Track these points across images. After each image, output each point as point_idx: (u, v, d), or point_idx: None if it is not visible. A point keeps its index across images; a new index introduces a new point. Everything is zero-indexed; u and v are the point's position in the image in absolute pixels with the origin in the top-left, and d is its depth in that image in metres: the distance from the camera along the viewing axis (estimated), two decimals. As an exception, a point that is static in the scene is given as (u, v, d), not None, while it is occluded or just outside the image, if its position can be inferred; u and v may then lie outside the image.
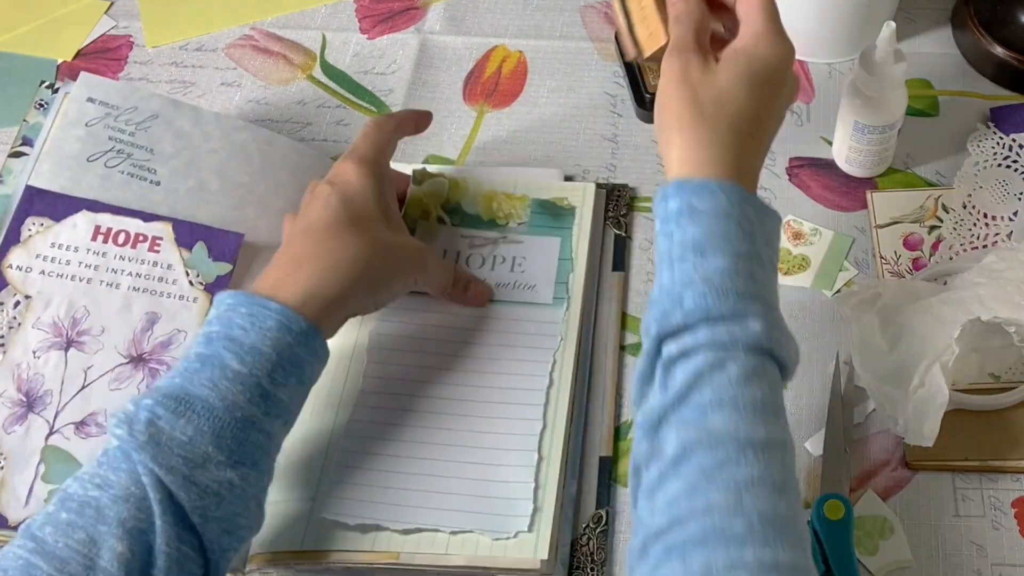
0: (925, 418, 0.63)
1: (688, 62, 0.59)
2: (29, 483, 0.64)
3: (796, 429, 0.70)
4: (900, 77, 0.73)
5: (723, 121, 0.58)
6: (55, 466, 0.65)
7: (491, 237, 0.76)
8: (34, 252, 0.70)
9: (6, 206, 0.71)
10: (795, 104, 0.86)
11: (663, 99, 0.60)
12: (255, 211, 0.75)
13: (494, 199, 0.78)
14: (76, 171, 0.73)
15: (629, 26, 0.76)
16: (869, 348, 0.68)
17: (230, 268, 0.71)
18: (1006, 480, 0.68)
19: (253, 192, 0.75)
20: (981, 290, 0.68)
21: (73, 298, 0.69)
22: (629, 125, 0.86)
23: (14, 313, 0.68)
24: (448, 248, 0.76)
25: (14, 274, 0.69)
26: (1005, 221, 0.77)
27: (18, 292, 0.69)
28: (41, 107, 0.77)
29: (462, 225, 0.77)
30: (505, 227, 0.77)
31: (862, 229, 0.79)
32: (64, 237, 0.71)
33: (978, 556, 0.65)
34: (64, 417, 0.66)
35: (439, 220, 0.77)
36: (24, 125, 0.76)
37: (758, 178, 0.60)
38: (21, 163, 0.74)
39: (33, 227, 0.71)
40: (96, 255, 0.70)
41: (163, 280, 0.70)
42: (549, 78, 0.90)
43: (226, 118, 0.78)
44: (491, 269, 0.75)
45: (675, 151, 0.58)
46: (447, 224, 0.77)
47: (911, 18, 0.90)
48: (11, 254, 0.70)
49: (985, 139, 0.82)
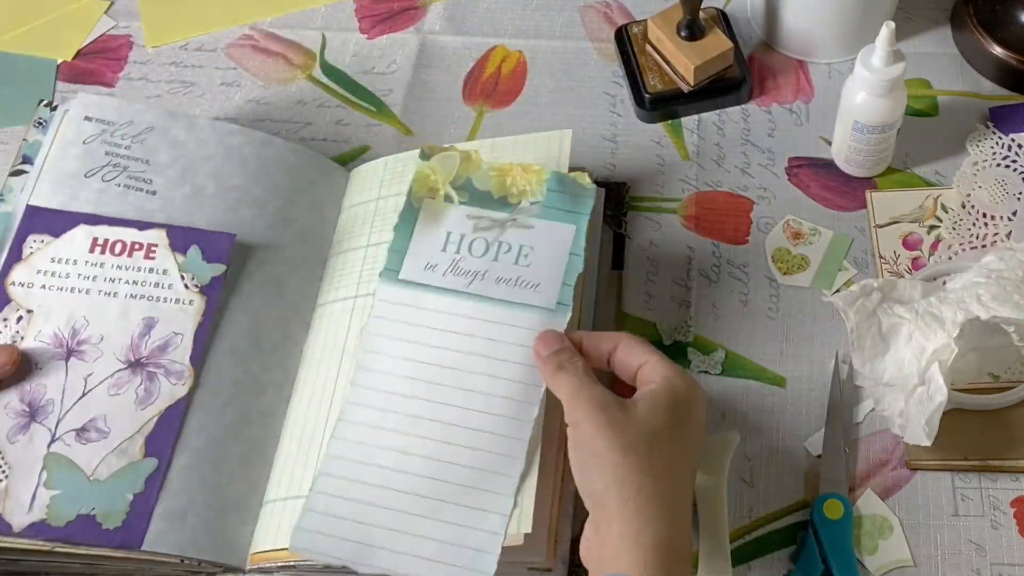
0: (924, 418, 0.63)
1: (607, 407, 0.59)
2: (32, 490, 0.64)
3: (796, 428, 0.70)
4: (899, 77, 0.73)
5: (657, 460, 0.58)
6: (56, 472, 0.65)
7: (499, 219, 0.70)
8: (35, 268, 0.71)
9: (7, 223, 0.73)
10: (794, 104, 0.86)
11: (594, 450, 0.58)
12: (250, 212, 0.75)
13: (508, 173, 0.72)
14: (74, 187, 0.74)
15: (670, 66, 0.84)
16: (868, 348, 0.68)
17: (224, 269, 0.72)
18: (1005, 480, 0.68)
19: (248, 194, 0.76)
20: (980, 290, 0.69)
21: (73, 309, 0.70)
22: (628, 125, 0.86)
23: (17, 328, 0.69)
24: (452, 230, 0.70)
25: (16, 290, 0.70)
26: (1004, 221, 0.77)
27: (20, 307, 0.70)
28: (40, 125, 0.78)
29: (470, 203, 0.71)
30: (517, 206, 0.71)
31: (861, 229, 0.79)
32: (63, 251, 0.72)
33: (977, 555, 0.65)
34: (65, 424, 0.66)
35: (446, 198, 0.71)
36: (23, 144, 0.77)
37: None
38: (21, 181, 0.75)
39: (34, 244, 0.72)
40: (94, 266, 0.71)
41: (159, 285, 0.71)
42: (548, 78, 0.90)
43: (221, 124, 0.79)
44: (494, 259, 0.69)
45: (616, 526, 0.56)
46: (454, 202, 0.71)
47: (910, 18, 0.90)
48: (13, 271, 0.71)
49: (984, 139, 0.82)
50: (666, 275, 0.78)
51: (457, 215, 0.71)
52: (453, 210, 0.71)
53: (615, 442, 0.57)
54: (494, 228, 0.70)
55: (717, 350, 0.74)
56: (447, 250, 0.70)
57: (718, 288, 0.77)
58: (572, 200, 0.71)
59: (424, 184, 0.72)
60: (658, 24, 0.84)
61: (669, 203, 0.81)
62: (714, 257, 0.78)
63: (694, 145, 0.84)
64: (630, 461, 0.57)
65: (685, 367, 0.73)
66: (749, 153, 0.84)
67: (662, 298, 0.76)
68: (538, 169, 0.71)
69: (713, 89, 0.85)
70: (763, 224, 0.80)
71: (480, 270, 0.69)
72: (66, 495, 0.64)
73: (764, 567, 0.66)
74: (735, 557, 0.65)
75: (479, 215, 0.71)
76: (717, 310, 0.76)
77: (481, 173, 0.72)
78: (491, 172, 0.72)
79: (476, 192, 0.72)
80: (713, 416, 0.71)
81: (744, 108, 0.86)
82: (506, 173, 0.72)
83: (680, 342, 0.74)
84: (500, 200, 0.71)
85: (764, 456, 0.69)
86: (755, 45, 0.90)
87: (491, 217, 0.71)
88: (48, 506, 0.64)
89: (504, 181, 0.72)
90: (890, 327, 0.68)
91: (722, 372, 0.73)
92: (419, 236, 0.71)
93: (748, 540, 0.67)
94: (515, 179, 0.72)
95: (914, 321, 0.68)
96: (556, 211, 0.70)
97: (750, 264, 0.78)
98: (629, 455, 0.57)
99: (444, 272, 0.69)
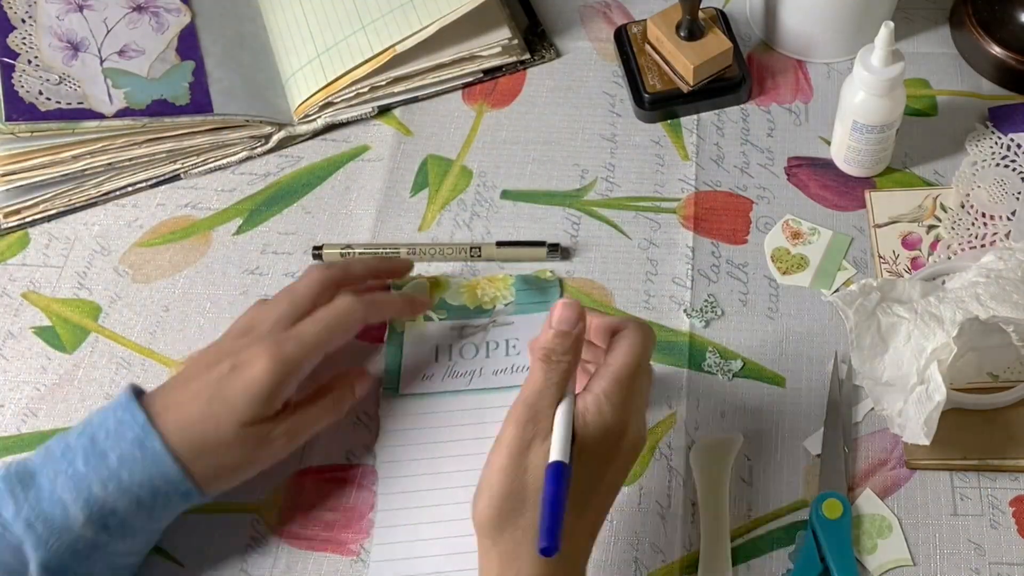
0: (923, 417, 0.63)
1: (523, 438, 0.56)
2: (106, 92, 0.82)
3: (795, 428, 0.70)
4: (898, 77, 0.73)
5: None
6: (118, 78, 0.83)
7: (480, 324, 0.75)
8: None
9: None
10: (793, 104, 0.86)
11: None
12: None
13: (476, 286, 0.77)
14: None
15: (670, 66, 0.85)
16: (867, 347, 0.68)
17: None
18: (1004, 479, 0.68)
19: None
20: (979, 289, 0.69)
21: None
22: (628, 125, 0.86)
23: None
24: (440, 343, 0.74)
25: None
26: (1003, 220, 0.78)
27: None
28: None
29: (449, 318, 0.76)
30: (493, 310, 0.76)
31: (860, 228, 0.79)
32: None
33: (976, 555, 0.65)
34: (105, 50, 0.85)
35: (426, 319, 0.76)
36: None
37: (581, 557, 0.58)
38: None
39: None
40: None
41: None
42: (548, 78, 0.90)
43: None
44: (486, 356, 0.74)
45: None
46: (435, 321, 0.76)
47: (909, 18, 0.91)
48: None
49: (983, 139, 0.82)
50: (665, 275, 0.78)
51: (440, 329, 0.75)
52: (435, 326, 0.76)
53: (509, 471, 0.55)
54: (478, 332, 0.75)
55: (736, 359, 0.74)
56: (440, 360, 0.74)
57: (717, 288, 0.77)
58: (540, 292, 0.77)
59: None
60: (657, 24, 0.84)
61: (668, 203, 0.81)
62: (713, 257, 0.78)
63: (693, 145, 0.84)
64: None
65: (702, 369, 0.73)
66: (748, 153, 0.84)
67: (661, 298, 0.77)
68: (502, 277, 0.77)
69: (712, 89, 0.85)
70: (762, 224, 0.80)
71: (475, 368, 0.73)
72: (135, 90, 0.82)
73: (763, 567, 0.66)
74: (734, 556, 0.66)
75: (461, 325, 0.76)
76: (717, 310, 0.76)
77: (452, 292, 0.77)
78: (460, 289, 0.77)
79: (452, 307, 0.76)
80: (712, 416, 0.71)
81: (743, 108, 0.86)
82: (475, 287, 0.77)
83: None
84: (476, 309, 0.76)
85: (763, 455, 0.69)
86: (754, 45, 0.90)
87: (472, 324, 0.76)
88: (125, 98, 0.82)
89: (475, 293, 0.77)
90: (889, 327, 0.68)
91: (732, 377, 0.73)
92: (409, 354, 0.74)
93: (747, 540, 0.67)
94: (484, 289, 0.77)
95: (913, 321, 0.68)
96: (529, 304, 0.76)
97: (749, 264, 0.78)
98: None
99: (443, 378, 0.73)
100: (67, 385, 0.74)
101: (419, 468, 0.69)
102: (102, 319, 0.77)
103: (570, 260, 0.79)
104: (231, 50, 0.88)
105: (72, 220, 0.82)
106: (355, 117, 0.86)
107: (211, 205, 0.83)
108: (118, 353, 0.75)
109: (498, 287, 0.77)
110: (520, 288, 0.77)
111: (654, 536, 0.67)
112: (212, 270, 0.79)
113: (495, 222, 0.81)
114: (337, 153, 0.85)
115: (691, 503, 0.68)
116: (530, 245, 0.78)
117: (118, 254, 0.80)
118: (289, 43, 0.88)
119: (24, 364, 0.75)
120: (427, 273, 0.78)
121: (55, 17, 0.85)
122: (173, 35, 0.86)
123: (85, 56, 0.84)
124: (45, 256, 0.80)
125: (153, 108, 0.82)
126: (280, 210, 0.82)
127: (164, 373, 0.74)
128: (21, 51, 0.83)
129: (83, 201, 0.82)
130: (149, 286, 0.79)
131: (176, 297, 0.78)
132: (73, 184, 0.82)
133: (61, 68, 0.83)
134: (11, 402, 0.73)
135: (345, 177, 0.84)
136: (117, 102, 0.81)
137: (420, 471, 0.69)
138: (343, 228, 0.81)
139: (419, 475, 0.69)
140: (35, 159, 0.79)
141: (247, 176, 0.84)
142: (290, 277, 0.78)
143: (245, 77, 0.86)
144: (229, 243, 0.81)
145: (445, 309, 0.76)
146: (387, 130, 0.87)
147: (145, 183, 0.83)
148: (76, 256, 0.80)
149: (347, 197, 0.83)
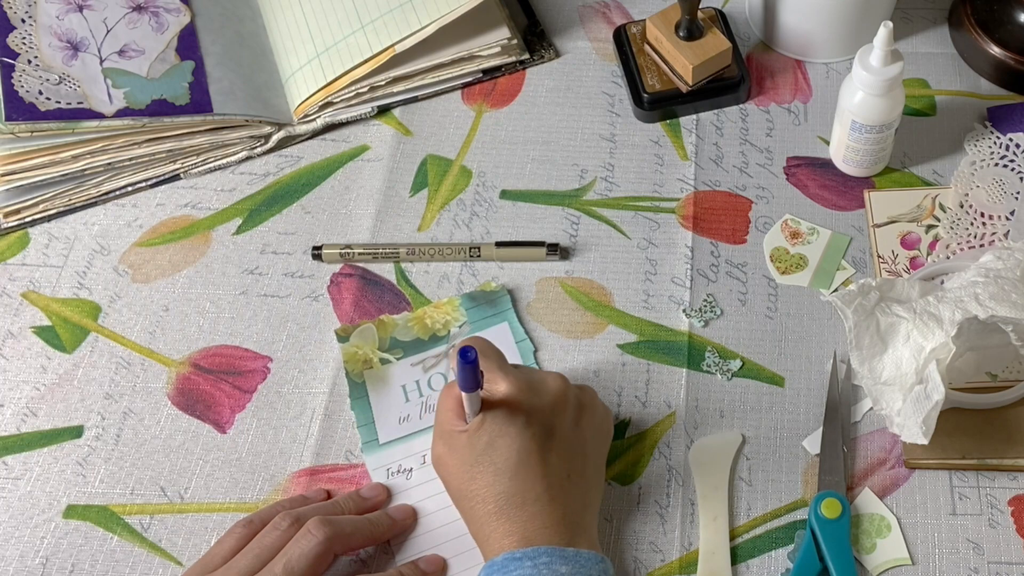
0: (922, 416, 0.64)
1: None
2: (106, 92, 0.82)
3: (794, 427, 0.70)
4: (897, 77, 0.73)
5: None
6: (118, 78, 0.83)
7: (440, 352, 0.74)
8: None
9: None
10: (793, 104, 0.86)
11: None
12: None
13: (424, 317, 0.76)
14: None
15: (669, 66, 0.85)
16: (866, 347, 0.68)
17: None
18: (1003, 478, 0.68)
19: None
20: (978, 289, 0.69)
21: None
22: (627, 124, 0.86)
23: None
24: (406, 382, 0.73)
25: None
26: (1002, 220, 0.78)
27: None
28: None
29: (406, 355, 0.74)
30: (448, 335, 0.75)
31: (859, 228, 0.79)
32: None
33: (975, 554, 0.66)
34: (105, 50, 0.85)
35: (383, 362, 0.74)
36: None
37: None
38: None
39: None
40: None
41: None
42: (547, 78, 0.90)
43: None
44: None
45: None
46: (393, 361, 0.74)
47: (908, 18, 0.91)
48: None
49: (982, 138, 0.82)
50: (665, 275, 0.78)
51: (402, 369, 0.74)
52: (395, 367, 0.74)
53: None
54: (440, 360, 0.74)
55: (735, 359, 0.74)
56: (410, 399, 0.72)
57: (717, 288, 0.77)
58: (490, 305, 0.76)
59: (356, 361, 0.74)
60: (656, 24, 0.84)
61: (667, 203, 0.81)
62: (712, 257, 0.78)
63: (692, 145, 0.84)
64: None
65: (701, 369, 0.73)
66: (747, 153, 0.84)
67: (660, 298, 0.77)
68: (447, 300, 0.76)
69: (711, 89, 0.85)
70: (761, 224, 0.80)
71: None
72: (135, 90, 0.82)
73: (762, 566, 0.66)
74: (733, 556, 0.66)
75: (421, 359, 0.74)
76: (716, 310, 0.76)
77: (401, 328, 0.75)
78: (409, 323, 0.75)
79: (406, 344, 0.75)
80: (711, 415, 0.71)
81: (742, 108, 0.86)
82: (422, 317, 0.76)
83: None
84: (431, 339, 0.75)
85: (762, 455, 0.70)
86: (753, 45, 0.90)
87: (432, 355, 0.74)
88: (124, 98, 0.82)
89: (425, 323, 0.76)
90: (888, 326, 0.68)
91: (732, 377, 0.73)
92: (377, 403, 0.73)
93: (746, 539, 0.67)
94: (433, 317, 0.76)
95: (912, 320, 0.68)
96: (482, 320, 0.75)
97: (748, 263, 0.78)
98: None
99: (420, 415, 0.72)
100: (67, 385, 0.74)
101: (422, 493, 0.69)
102: (102, 319, 0.77)
103: (569, 260, 0.79)
104: (231, 50, 0.88)
105: (72, 220, 0.82)
106: (355, 117, 0.87)
107: (211, 205, 0.83)
108: (118, 353, 0.76)
109: (446, 311, 0.76)
110: (468, 307, 0.76)
111: (653, 535, 0.67)
112: (212, 270, 0.79)
113: (494, 222, 0.81)
114: (337, 153, 0.86)
115: (690, 503, 0.68)
116: (529, 245, 0.78)
117: (118, 254, 0.81)
118: (289, 43, 0.88)
119: (24, 364, 0.75)
120: (427, 273, 0.78)
121: (55, 17, 0.86)
122: (173, 35, 0.87)
123: (85, 56, 0.84)
124: (45, 256, 0.80)
125: (153, 108, 0.82)
126: (280, 210, 0.83)
127: (164, 373, 0.74)
128: (21, 51, 0.83)
129: (83, 201, 0.82)
130: (149, 286, 0.79)
131: (176, 297, 0.78)
132: (73, 184, 0.82)
133: (61, 68, 0.83)
134: (11, 402, 0.73)
135: (345, 177, 0.84)
136: (117, 102, 0.82)
137: (422, 495, 0.69)
138: (343, 228, 0.81)
139: (422, 500, 0.69)
140: (35, 159, 0.79)
141: (247, 176, 0.85)
142: (290, 277, 0.79)
143: (245, 77, 0.86)
144: (229, 243, 0.81)
145: (400, 347, 0.75)
146: (386, 130, 0.87)
147: (145, 183, 0.84)
148: (76, 256, 0.80)
149: (347, 197, 0.83)
